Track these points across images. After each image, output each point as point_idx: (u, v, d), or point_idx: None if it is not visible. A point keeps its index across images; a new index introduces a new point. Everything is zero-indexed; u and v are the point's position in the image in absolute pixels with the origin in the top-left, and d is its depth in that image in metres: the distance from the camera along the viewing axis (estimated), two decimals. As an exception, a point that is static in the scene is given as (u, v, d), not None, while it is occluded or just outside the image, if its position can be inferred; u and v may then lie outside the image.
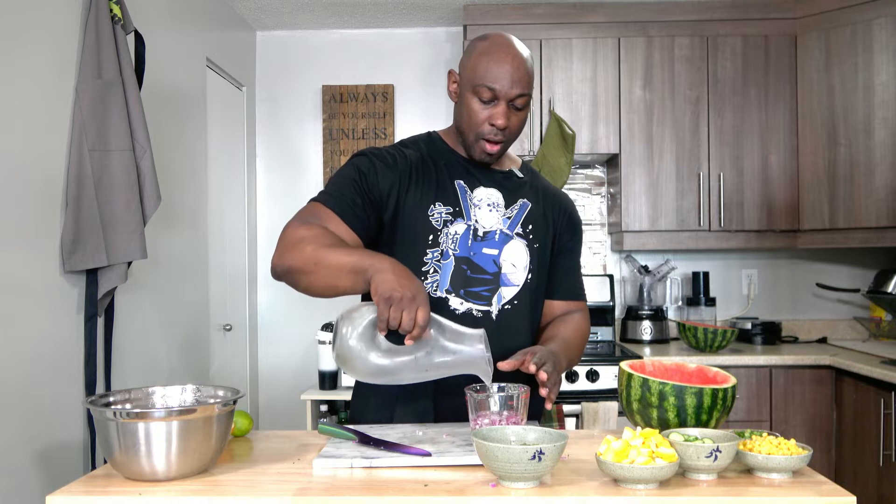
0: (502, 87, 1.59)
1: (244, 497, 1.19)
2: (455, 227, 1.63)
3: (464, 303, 1.62)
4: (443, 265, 1.62)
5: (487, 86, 1.59)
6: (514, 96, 1.60)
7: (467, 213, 1.65)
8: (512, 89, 1.60)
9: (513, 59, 1.61)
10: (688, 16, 3.61)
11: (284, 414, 3.99)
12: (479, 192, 1.67)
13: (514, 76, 1.60)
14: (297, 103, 4.09)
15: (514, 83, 1.60)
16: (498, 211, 1.67)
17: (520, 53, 1.63)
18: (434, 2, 3.68)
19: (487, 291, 1.64)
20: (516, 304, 1.66)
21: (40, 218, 2.11)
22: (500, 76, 1.59)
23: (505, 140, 1.64)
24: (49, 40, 2.16)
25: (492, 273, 1.64)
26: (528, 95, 1.63)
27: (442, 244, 1.62)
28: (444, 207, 1.64)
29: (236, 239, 3.80)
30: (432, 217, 1.62)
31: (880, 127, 3.32)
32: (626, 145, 3.61)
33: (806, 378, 3.26)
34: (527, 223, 1.70)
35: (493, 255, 1.65)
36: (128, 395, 1.42)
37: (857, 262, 3.91)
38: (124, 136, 2.29)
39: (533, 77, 1.66)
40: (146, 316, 2.68)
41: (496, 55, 1.60)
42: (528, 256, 1.68)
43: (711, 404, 1.38)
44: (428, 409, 1.63)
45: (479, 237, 1.64)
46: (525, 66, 1.63)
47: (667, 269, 3.84)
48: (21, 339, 2.04)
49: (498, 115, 1.60)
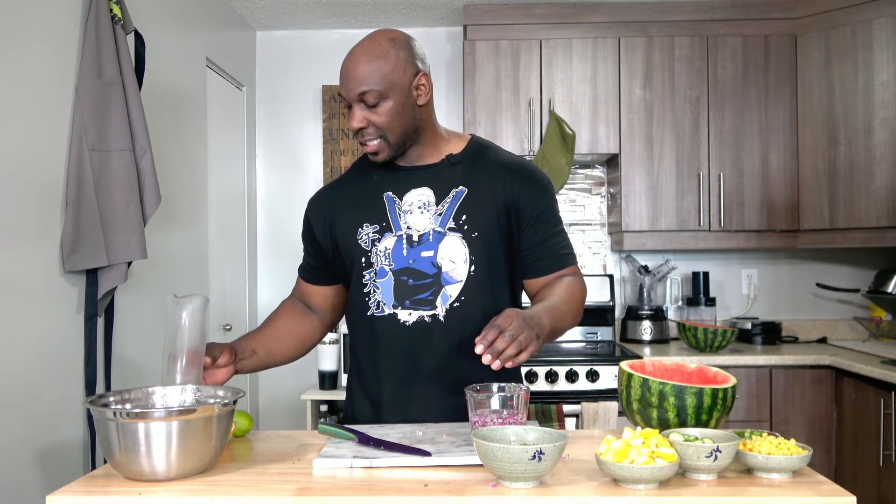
0: (345, 91, 1.60)
1: (244, 497, 1.19)
2: (384, 243, 1.65)
3: (412, 313, 1.62)
4: (380, 283, 1.64)
5: (341, 94, 1.62)
6: (356, 97, 1.58)
7: (395, 224, 1.65)
8: (352, 91, 1.58)
9: (350, 59, 1.59)
10: (688, 16, 3.61)
11: (284, 414, 3.99)
12: (408, 197, 1.66)
13: (351, 76, 1.58)
14: (297, 103, 4.09)
15: (353, 83, 1.57)
16: (429, 210, 1.65)
17: (357, 53, 1.59)
18: (434, 2, 3.68)
19: (431, 295, 1.62)
20: (464, 300, 1.62)
21: (40, 218, 2.11)
22: (343, 82, 1.60)
23: (379, 137, 1.61)
24: (49, 40, 2.16)
25: (431, 275, 1.63)
26: (375, 91, 1.56)
27: (374, 263, 1.65)
28: (371, 227, 1.66)
29: (236, 239, 3.80)
30: (360, 240, 1.67)
31: (880, 127, 3.32)
32: (626, 145, 3.61)
33: (806, 378, 3.26)
34: (460, 214, 1.64)
35: (430, 257, 1.63)
36: (128, 395, 1.42)
37: (857, 262, 3.91)
38: (124, 136, 2.29)
39: (376, 70, 1.56)
40: (146, 316, 2.68)
41: (344, 60, 1.61)
42: (466, 248, 1.63)
43: (711, 404, 1.38)
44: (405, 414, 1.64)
45: (414, 243, 1.64)
46: (363, 62, 1.57)
47: (667, 269, 3.84)
48: (21, 339, 2.03)
49: (351, 118, 1.61)
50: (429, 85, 1.63)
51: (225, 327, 3.59)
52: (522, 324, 1.38)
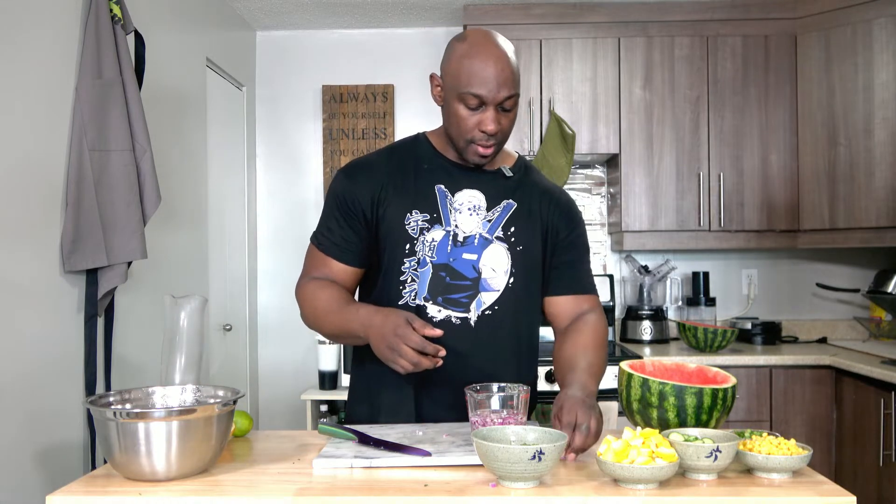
0: (489, 93, 1.52)
1: (244, 497, 1.19)
2: (432, 234, 1.62)
3: (441, 310, 1.61)
4: (420, 273, 1.61)
5: (473, 93, 1.52)
6: (501, 100, 1.53)
7: (446, 218, 1.63)
8: (499, 93, 1.52)
9: (496, 61, 1.52)
10: (688, 16, 3.60)
11: (284, 414, 3.99)
12: (460, 196, 1.64)
13: (499, 79, 1.52)
14: (297, 103, 4.09)
15: (501, 86, 1.52)
16: (479, 214, 1.64)
17: (503, 53, 1.54)
18: (434, 2, 3.68)
19: (466, 298, 1.61)
20: (497, 310, 1.63)
21: (40, 218, 2.11)
22: (485, 81, 1.51)
23: (497, 143, 1.60)
24: (49, 40, 2.16)
25: (471, 279, 1.62)
26: (517, 95, 1.56)
27: (419, 252, 1.61)
28: (421, 215, 1.62)
29: (236, 239, 3.80)
30: (408, 226, 1.62)
31: (880, 127, 3.32)
32: (626, 145, 3.61)
33: (806, 378, 3.26)
34: (509, 225, 1.65)
35: (472, 261, 1.62)
36: (128, 395, 1.42)
37: (857, 262, 3.91)
38: (124, 136, 2.29)
39: (518, 74, 1.57)
40: (146, 316, 2.68)
41: (478, 59, 1.52)
42: (510, 260, 1.64)
43: (711, 404, 1.38)
44: (410, 413, 1.64)
45: (458, 242, 1.62)
46: (510, 66, 1.54)
47: (667, 269, 3.84)
48: (21, 339, 2.03)
49: (487, 121, 1.54)
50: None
51: (225, 327, 3.59)
52: (588, 412, 1.38)
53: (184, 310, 1.48)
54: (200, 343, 1.50)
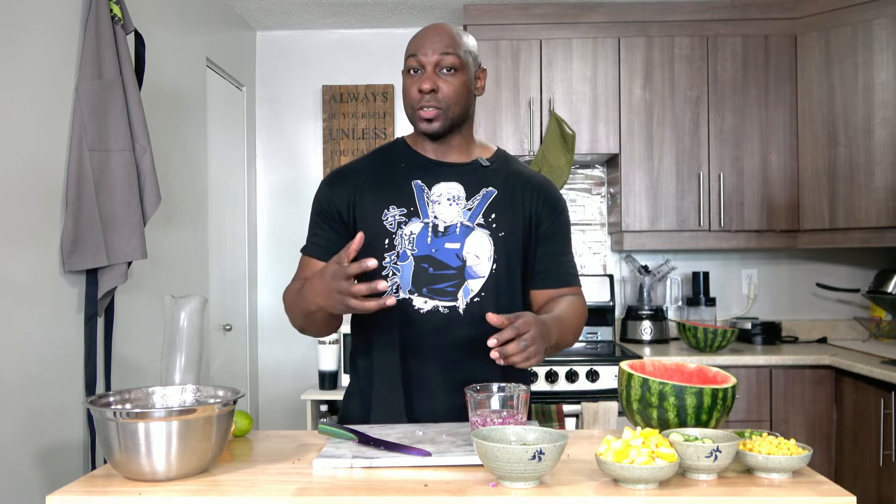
0: (423, 53, 1.62)
1: (244, 497, 1.19)
2: (410, 227, 1.64)
3: (428, 301, 1.63)
4: (401, 266, 1.64)
5: (410, 54, 1.64)
6: (436, 59, 1.61)
7: (423, 210, 1.66)
8: (432, 53, 1.61)
9: (431, 28, 1.65)
10: (688, 16, 3.61)
11: (284, 414, 3.99)
12: (437, 188, 1.67)
13: (433, 40, 1.62)
14: (297, 103, 4.09)
15: (434, 46, 1.61)
16: (458, 204, 1.67)
17: (441, 24, 1.67)
18: (434, 2, 3.68)
19: (452, 287, 1.63)
20: (484, 296, 1.64)
21: (40, 218, 2.11)
22: (421, 44, 1.63)
23: (441, 107, 1.63)
24: (49, 40, 2.16)
25: (455, 267, 1.64)
26: (455, 55, 1.62)
27: (398, 246, 1.64)
28: (398, 209, 1.65)
29: (236, 239, 3.80)
30: (386, 221, 1.65)
31: (880, 127, 3.32)
32: (626, 145, 3.61)
33: (806, 378, 3.26)
34: (490, 212, 1.67)
35: (455, 249, 1.64)
36: (128, 395, 1.42)
37: (857, 262, 3.91)
38: (124, 136, 2.29)
39: (460, 41, 1.65)
40: (146, 316, 2.68)
41: (419, 32, 1.67)
42: (492, 246, 1.66)
43: (711, 404, 1.38)
44: (401, 412, 1.64)
45: (439, 233, 1.64)
46: (446, 30, 1.65)
47: (667, 269, 3.84)
48: (21, 339, 2.03)
49: (423, 79, 1.61)
50: (484, 80, 1.73)
51: (225, 327, 3.59)
52: (537, 335, 1.41)
53: (184, 310, 1.48)
54: (200, 343, 1.50)
